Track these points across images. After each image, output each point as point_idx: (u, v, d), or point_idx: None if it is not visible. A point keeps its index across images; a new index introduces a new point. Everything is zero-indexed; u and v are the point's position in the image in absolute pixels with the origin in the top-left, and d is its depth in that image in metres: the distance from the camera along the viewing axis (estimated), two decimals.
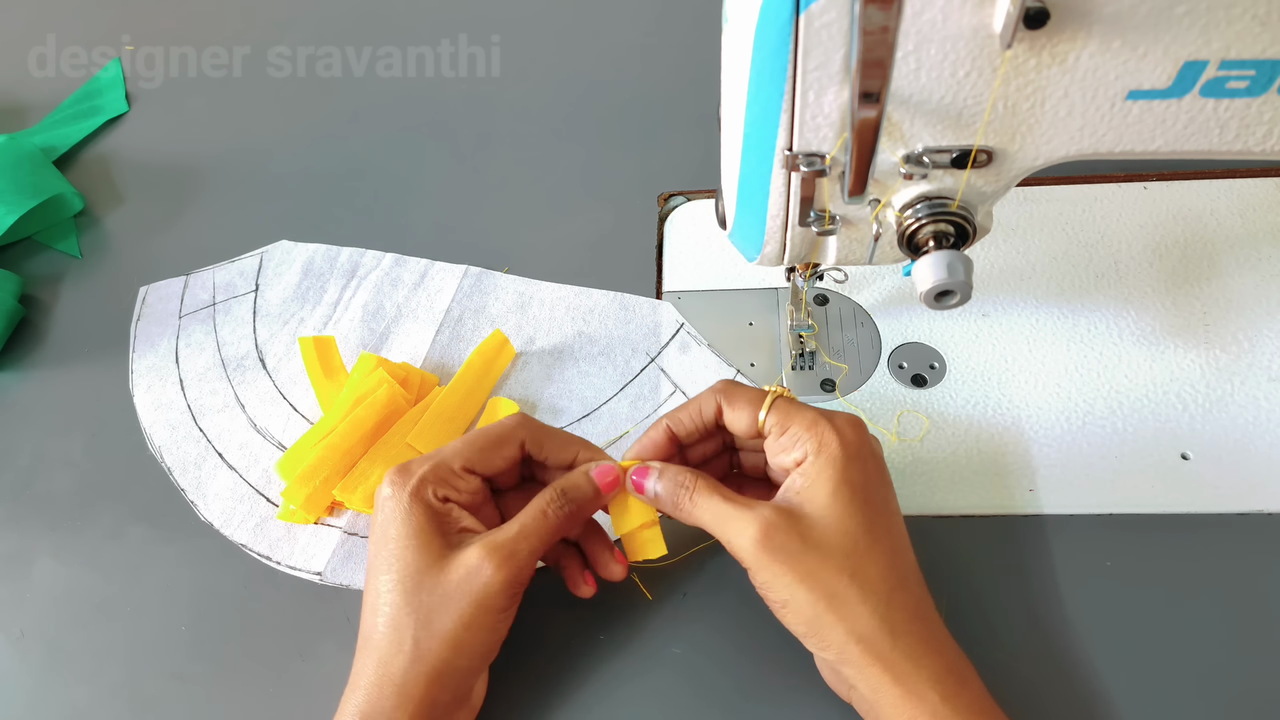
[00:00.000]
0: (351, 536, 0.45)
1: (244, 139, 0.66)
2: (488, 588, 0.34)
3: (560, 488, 0.36)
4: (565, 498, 0.36)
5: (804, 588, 0.32)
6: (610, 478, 0.37)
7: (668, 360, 0.50)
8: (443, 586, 0.34)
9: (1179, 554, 0.41)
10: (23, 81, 0.74)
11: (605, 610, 0.42)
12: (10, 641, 0.44)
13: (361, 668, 0.35)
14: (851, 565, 0.32)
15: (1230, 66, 0.30)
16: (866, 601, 0.32)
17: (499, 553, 0.34)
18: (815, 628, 0.32)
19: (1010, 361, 0.47)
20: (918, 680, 0.31)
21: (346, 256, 0.57)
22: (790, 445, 0.34)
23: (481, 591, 0.34)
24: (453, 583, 0.34)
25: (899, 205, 0.36)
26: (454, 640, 0.34)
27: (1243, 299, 0.48)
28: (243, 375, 0.52)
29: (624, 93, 0.65)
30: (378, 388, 0.46)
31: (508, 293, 0.54)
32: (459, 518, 0.36)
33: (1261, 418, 0.44)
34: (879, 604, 0.32)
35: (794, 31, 0.30)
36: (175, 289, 0.57)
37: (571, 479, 0.37)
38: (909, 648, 0.32)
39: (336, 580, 0.43)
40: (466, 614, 0.34)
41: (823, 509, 0.33)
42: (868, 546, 0.32)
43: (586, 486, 0.37)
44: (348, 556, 0.44)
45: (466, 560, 0.34)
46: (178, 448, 0.50)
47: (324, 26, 0.73)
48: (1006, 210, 0.53)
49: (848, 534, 0.32)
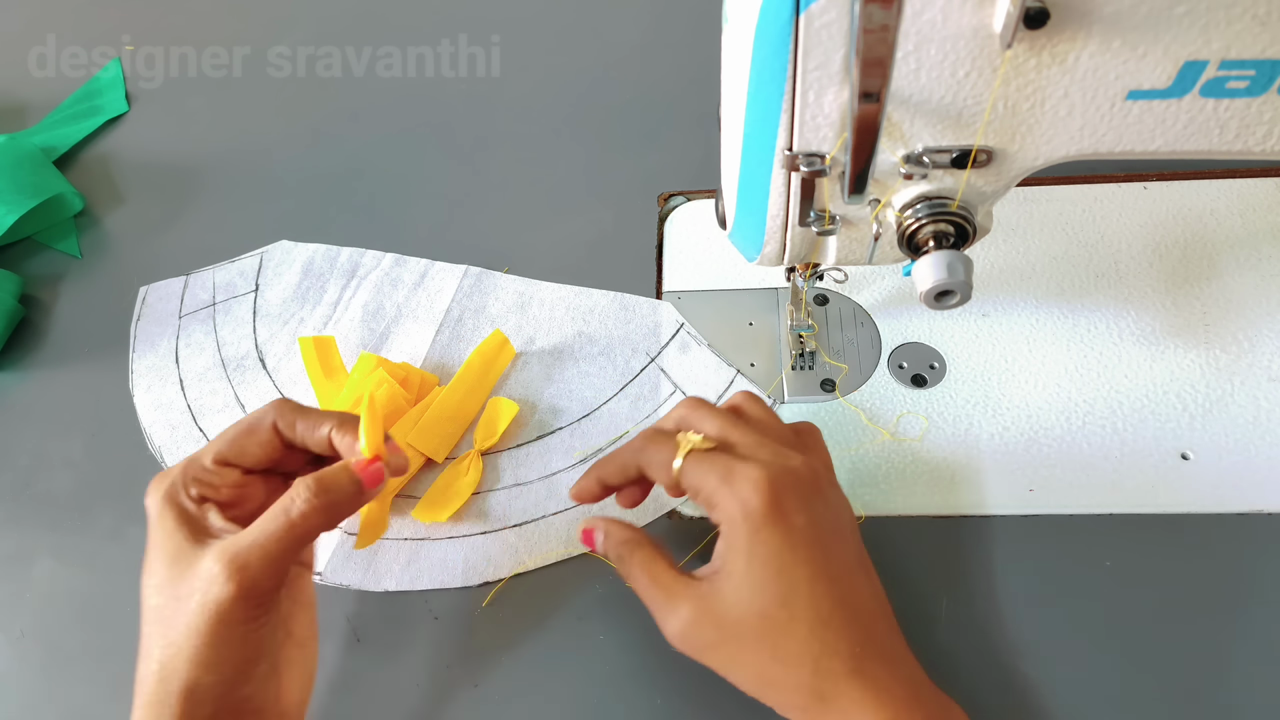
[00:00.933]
0: (351, 536, 0.45)
1: (244, 139, 0.66)
2: (219, 601, 0.31)
3: (313, 480, 0.33)
4: (318, 491, 0.33)
5: (733, 670, 0.32)
6: (373, 471, 0.34)
7: (668, 360, 0.50)
8: (179, 597, 0.32)
9: (1179, 554, 0.41)
10: (23, 81, 0.74)
11: (605, 610, 0.42)
12: (10, 641, 0.44)
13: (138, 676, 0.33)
14: (769, 644, 0.31)
15: (1230, 66, 0.30)
16: (790, 675, 0.31)
17: (232, 562, 0.31)
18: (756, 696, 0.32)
19: (1010, 361, 0.47)
20: None
21: (346, 256, 0.57)
22: (706, 507, 0.33)
23: (214, 604, 0.31)
24: (186, 593, 0.31)
25: (899, 205, 0.36)
26: (193, 656, 0.31)
27: (1243, 299, 0.48)
28: (243, 375, 0.52)
29: (624, 93, 0.65)
30: (378, 388, 0.46)
31: (508, 293, 0.54)
32: (208, 520, 0.33)
33: (1261, 418, 0.44)
34: (804, 674, 0.31)
35: (794, 31, 0.30)
36: (175, 289, 0.57)
37: (329, 473, 0.34)
38: (843, 709, 0.31)
39: (336, 580, 0.43)
40: (202, 627, 0.31)
41: (735, 590, 0.31)
42: (785, 623, 0.31)
43: (346, 482, 0.34)
44: (348, 557, 0.44)
45: (201, 569, 0.31)
46: (178, 448, 0.50)
47: (324, 26, 0.73)
48: (1006, 210, 0.53)
49: (763, 615, 0.31)
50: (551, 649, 0.41)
